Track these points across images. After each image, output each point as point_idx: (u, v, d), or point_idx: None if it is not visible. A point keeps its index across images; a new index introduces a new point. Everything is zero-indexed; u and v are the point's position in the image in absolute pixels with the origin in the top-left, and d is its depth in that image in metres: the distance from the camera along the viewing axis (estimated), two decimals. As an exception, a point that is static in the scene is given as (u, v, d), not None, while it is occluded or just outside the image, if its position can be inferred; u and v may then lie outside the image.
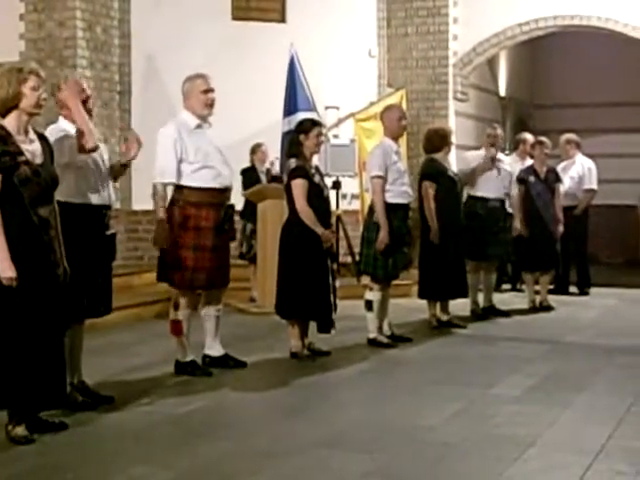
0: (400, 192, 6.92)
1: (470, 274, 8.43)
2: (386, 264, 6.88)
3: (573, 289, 10.33)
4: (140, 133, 9.79)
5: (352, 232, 10.47)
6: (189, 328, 5.99)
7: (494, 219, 8.40)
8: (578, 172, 10.37)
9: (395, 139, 7.11)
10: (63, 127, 5.06)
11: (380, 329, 7.02)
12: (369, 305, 6.96)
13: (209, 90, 5.90)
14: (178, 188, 5.83)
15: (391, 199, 6.87)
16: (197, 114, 5.91)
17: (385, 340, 7.00)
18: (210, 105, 5.92)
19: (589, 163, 10.47)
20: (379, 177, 6.85)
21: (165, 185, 5.83)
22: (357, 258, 9.89)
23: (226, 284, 6.10)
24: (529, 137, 9.95)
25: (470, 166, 8.43)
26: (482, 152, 8.57)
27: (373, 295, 6.97)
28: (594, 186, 10.39)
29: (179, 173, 5.78)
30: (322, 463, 4.14)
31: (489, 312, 8.52)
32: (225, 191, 5.91)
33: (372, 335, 6.99)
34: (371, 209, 7.03)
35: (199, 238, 5.78)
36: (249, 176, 9.27)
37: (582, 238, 10.30)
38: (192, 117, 5.91)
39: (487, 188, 8.39)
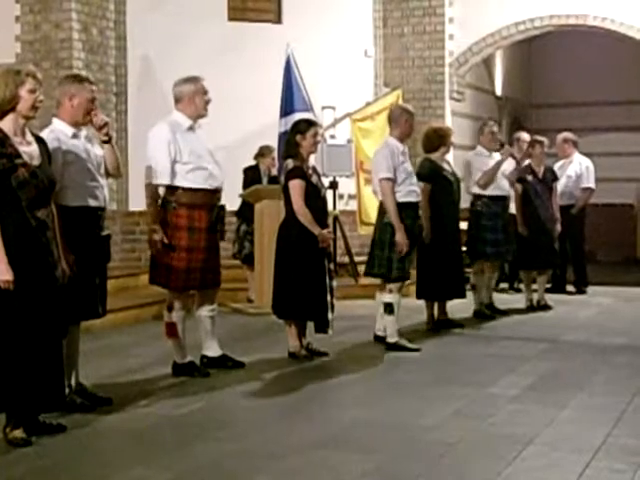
0: (409, 191, 6.83)
1: (475, 275, 8.42)
2: (402, 265, 6.77)
3: (570, 288, 10.34)
4: (136, 134, 9.94)
5: (349, 232, 10.48)
6: (184, 329, 5.99)
7: (504, 217, 8.43)
8: (576, 171, 10.38)
9: (402, 140, 7.00)
10: (58, 128, 5.03)
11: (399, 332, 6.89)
12: (389, 308, 6.79)
13: (206, 93, 5.97)
14: (170, 189, 5.83)
15: (401, 198, 6.76)
16: (194, 115, 5.94)
17: (409, 344, 6.83)
18: (207, 108, 5.99)
19: (587, 162, 10.48)
20: (388, 179, 6.75)
21: (157, 187, 5.84)
22: (358, 259, 9.89)
23: (218, 284, 6.10)
24: (524, 136, 9.96)
25: (482, 167, 8.36)
26: (483, 151, 8.53)
27: (393, 297, 6.81)
28: (592, 185, 10.40)
29: (173, 174, 5.79)
30: (320, 463, 4.14)
31: (489, 309, 8.53)
32: (216, 192, 5.93)
33: (392, 339, 6.81)
34: (381, 210, 6.92)
35: (192, 239, 5.79)
36: (251, 175, 9.27)
37: (579, 237, 10.32)
38: (185, 118, 5.93)
39: (498, 187, 8.40)
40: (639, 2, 11.01)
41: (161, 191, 5.93)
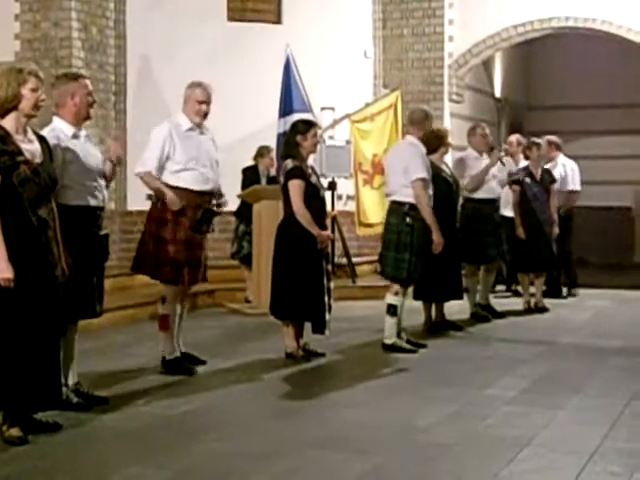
0: (429, 195, 6.84)
1: (468, 277, 8.40)
2: (417, 268, 6.75)
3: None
4: (135, 133, 9.94)
5: (347, 233, 10.49)
6: (174, 323, 6.05)
7: (495, 220, 8.42)
8: (560, 173, 10.21)
9: (421, 140, 6.96)
10: (59, 127, 5.03)
11: (399, 334, 6.87)
12: (393, 310, 6.75)
13: (204, 102, 6.04)
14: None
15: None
16: (190, 119, 6.05)
17: (407, 345, 6.82)
18: (202, 116, 6.07)
19: (571, 164, 10.30)
20: (424, 179, 6.68)
21: (148, 173, 5.94)
22: (356, 260, 9.89)
23: (196, 282, 6.15)
24: (513, 139, 9.93)
25: (474, 171, 8.35)
26: (473, 153, 8.51)
27: (398, 300, 6.78)
28: (577, 187, 10.24)
29: (159, 170, 5.92)
30: (317, 464, 4.14)
31: (486, 310, 8.54)
32: (204, 194, 5.99)
33: (390, 341, 6.79)
34: (397, 212, 6.81)
35: (178, 232, 5.89)
36: (249, 175, 9.27)
37: (567, 239, 10.21)
38: (186, 120, 6.06)
39: (488, 190, 8.38)
40: (639, 5, 11.02)
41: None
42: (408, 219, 6.73)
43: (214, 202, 6.07)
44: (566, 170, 10.29)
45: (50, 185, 4.48)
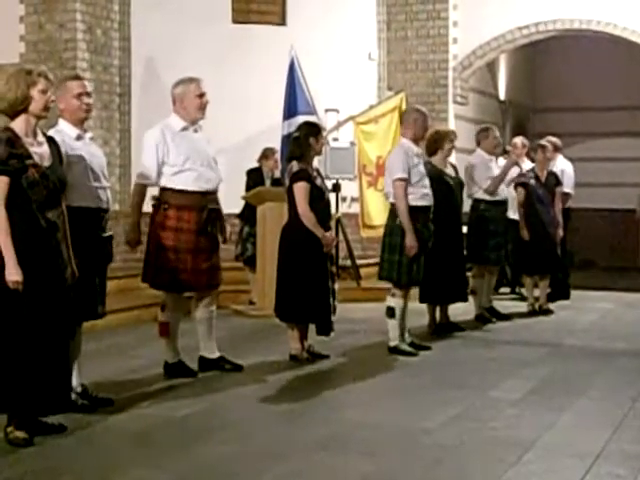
0: (422, 194, 6.78)
1: (475, 279, 8.40)
2: (410, 269, 6.71)
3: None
4: (140, 135, 9.88)
5: (351, 235, 10.49)
6: (176, 329, 6.01)
7: (503, 222, 8.44)
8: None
9: (416, 141, 6.94)
10: (63, 129, 5.04)
11: (402, 336, 6.86)
12: (391, 312, 6.76)
13: (203, 94, 5.98)
14: (162, 190, 5.90)
15: (413, 202, 6.69)
16: (188, 117, 5.96)
17: (408, 348, 6.81)
18: (204, 109, 5.99)
19: (563, 165, 10.11)
20: (402, 179, 6.67)
21: (144, 186, 5.91)
22: (360, 262, 9.91)
23: (215, 286, 6.07)
24: (517, 141, 9.90)
25: (486, 172, 8.35)
26: (484, 155, 8.50)
27: (396, 302, 6.77)
28: (567, 189, 10.11)
29: (159, 175, 5.84)
30: (320, 465, 4.14)
31: (490, 312, 8.53)
32: (207, 194, 5.91)
33: (393, 343, 6.79)
34: (393, 213, 6.83)
35: (179, 240, 5.80)
36: (254, 177, 9.27)
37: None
38: (179, 120, 5.96)
39: (499, 191, 8.42)
40: (643, 7, 11.03)
41: (156, 192, 6.00)
42: (397, 220, 6.73)
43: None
44: (557, 172, 10.15)
45: (59, 188, 4.47)
